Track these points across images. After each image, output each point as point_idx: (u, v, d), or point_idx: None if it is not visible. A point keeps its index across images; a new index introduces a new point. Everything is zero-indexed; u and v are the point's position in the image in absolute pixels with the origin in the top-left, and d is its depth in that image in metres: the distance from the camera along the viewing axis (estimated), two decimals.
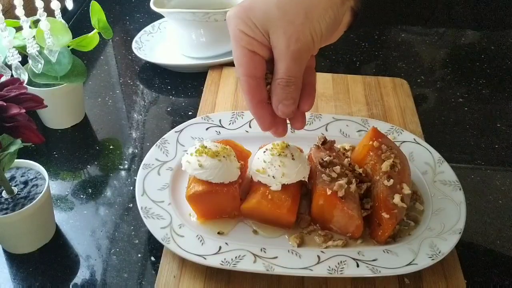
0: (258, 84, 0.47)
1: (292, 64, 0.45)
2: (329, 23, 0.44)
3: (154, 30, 0.98)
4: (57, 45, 0.69)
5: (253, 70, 0.46)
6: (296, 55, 0.44)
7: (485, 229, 0.65)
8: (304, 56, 0.45)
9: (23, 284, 0.57)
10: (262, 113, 0.48)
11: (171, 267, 0.57)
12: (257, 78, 0.47)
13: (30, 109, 0.52)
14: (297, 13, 0.43)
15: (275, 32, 0.44)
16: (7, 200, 0.57)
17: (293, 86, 0.46)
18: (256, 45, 0.45)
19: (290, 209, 0.59)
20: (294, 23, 0.43)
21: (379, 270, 0.55)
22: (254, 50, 0.46)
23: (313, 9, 0.43)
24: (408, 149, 0.70)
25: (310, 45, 0.45)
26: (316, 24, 0.43)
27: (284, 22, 0.43)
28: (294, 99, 0.47)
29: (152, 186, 0.63)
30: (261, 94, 0.47)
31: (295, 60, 0.45)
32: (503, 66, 0.96)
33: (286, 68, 0.45)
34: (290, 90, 0.46)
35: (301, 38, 0.44)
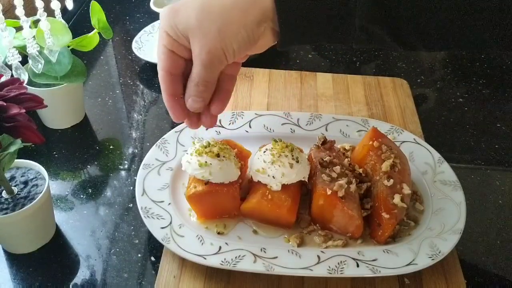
0: (172, 80, 0.52)
1: (203, 70, 0.49)
2: (241, 42, 0.47)
3: (154, 30, 0.98)
4: (57, 45, 0.69)
5: (169, 67, 0.51)
6: (206, 63, 0.49)
7: (485, 229, 0.65)
8: (214, 65, 0.49)
9: (23, 284, 0.57)
10: (173, 105, 0.53)
11: (171, 267, 0.57)
12: (172, 75, 0.51)
13: (30, 109, 0.52)
14: (210, 29, 0.47)
15: (191, 39, 0.48)
16: (7, 200, 0.57)
17: (202, 87, 0.51)
18: (176, 46, 0.50)
19: (290, 209, 0.59)
20: (207, 36, 0.47)
21: (379, 270, 0.55)
22: (173, 50, 0.50)
23: (226, 28, 0.47)
24: (408, 149, 0.70)
25: (222, 58, 0.48)
26: (227, 41, 0.47)
27: (199, 33, 0.47)
28: (203, 98, 0.52)
29: (152, 186, 0.63)
30: (175, 89, 0.52)
31: (206, 67, 0.49)
32: (503, 66, 0.96)
33: (197, 72, 0.50)
34: (199, 89, 0.51)
35: (212, 50, 0.48)
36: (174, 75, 0.52)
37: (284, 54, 0.96)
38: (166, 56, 0.51)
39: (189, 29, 0.47)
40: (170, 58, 0.51)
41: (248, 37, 0.47)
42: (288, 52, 0.97)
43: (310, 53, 0.97)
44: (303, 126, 0.74)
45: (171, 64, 0.51)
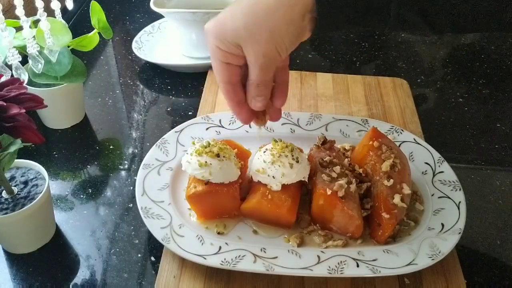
0: (234, 89, 0.54)
1: (260, 72, 0.52)
2: (292, 37, 0.50)
3: (154, 30, 0.98)
4: (57, 45, 0.69)
5: (228, 78, 0.53)
6: (263, 66, 0.51)
7: (485, 229, 0.65)
8: (271, 66, 0.52)
9: (23, 284, 0.57)
10: (240, 111, 0.56)
11: (171, 267, 0.57)
12: (233, 84, 0.54)
13: (30, 109, 0.52)
14: (261, 33, 0.48)
15: (245, 47, 0.50)
16: (7, 200, 0.57)
17: (263, 87, 0.54)
18: (230, 57, 0.52)
19: (290, 209, 0.59)
20: (260, 42, 0.49)
21: (379, 270, 0.55)
22: (228, 62, 0.52)
23: (275, 28, 0.48)
24: (408, 149, 0.70)
25: (277, 57, 0.51)
26: (280, 40, 0.49)
27: (251, 40, 0.49)
28: (265, 96, 0.55)
29: (152, 186, 0.63)
30: (238, 96, 0.55)
31: (263, 70, 0.52)
32: (503, 66, 0.96)
33: (255, 75, 0.52)
34: (260, 89, 0.54)
35: (267, 53, 0.50)
36: (234, 84, 0.54)
37: None
38: (223, 68, 0.53)
39: (240, 38, 0.49)
40: (227, 70, 0.53)
41: (297, 31, 0.49)
42: None
43: (310, 53, 0.97)
44: (303, 126, 0.74)
45: (229, 75, 0.53)
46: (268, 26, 0.48)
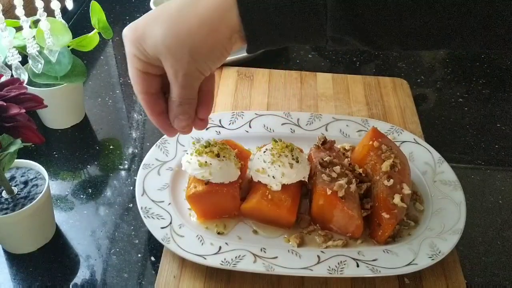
0: (153, 99, 0.50)
1: (182, 90, 0.47)
2: (216, 58, 0.46)
3: None
4: (57, 45, 0.69)
5: (147, 88, 0.49)
6: (185, 84, 0.47)
7: (485, 229, 0.65)
8: (193, 84, 0.48)
9: (23, 284, 0.57)
10: (163, 124, 0.51)
11: (171, 267, 0.57)
12: (152, 94, 0.49)
13: (30, 109, 0.52)
14: (182, 54, 0.44)
15: (164, 62, 0.46)
16: (7, 200, 0.57)
17: (187, 106, 0.49)
18: (149, 67, 0.47)
19: (290, 209, 0.59)
20: (180, 61, 0.45)
21: (379, 270, 0.55)
22: (147, 71, 0.48)
23: (197, 50, 0.44)
24: (408, 149, 0.70)
25: (199, 76, 0.47)
26: (201, 62, 0.45)
27: (171, 58, 0.45)
28: (189, 115, 0.50)
29: (152, 186, 0.63)
30: (158, 107, 0.50)
31: (185, 87, 0.47)
32: (503, 66, 0.96)
33: (177, 93, 0.48)
34: (183, 108, 0.49)
35: (188, 73, 0.46)
36: (154, 94, 0.50)
37: (284, 54, 0.96)
38: (141, 78, 0.48)
39: (160, 54, 0.45)
40: (146, 80, 0.48)
41: (221, 52, 0.45)
42: (288, 52, 0.97)
43: (310, 53, 0.97)
44: (303, 126, 0.74)
45: (148, 85, 0.49)
46: (189, 48, 0.44)
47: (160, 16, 0.45)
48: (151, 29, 0.45)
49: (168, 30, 0.44)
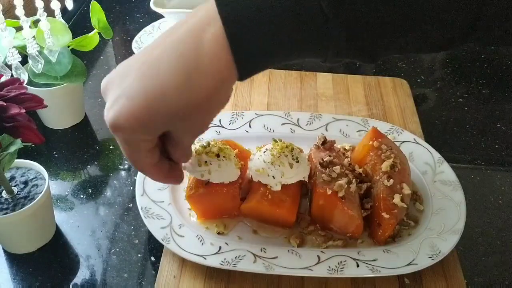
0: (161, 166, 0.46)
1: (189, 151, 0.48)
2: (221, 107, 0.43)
3: (154, 30, 0.98)
4: (57, 45, 0.69)
5: (156, 159, 0.45)
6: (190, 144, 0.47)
7: (485, 229, 0.65)
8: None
9: (23, 284, 0.57)
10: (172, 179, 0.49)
11: (171, 267, 0.57)
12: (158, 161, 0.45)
13: (30, 109, 0.52)
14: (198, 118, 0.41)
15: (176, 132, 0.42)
16: (7, 200, 0.57)
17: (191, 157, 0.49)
18: (155, 141, 0.43)
19: (290, 209, 0.59)
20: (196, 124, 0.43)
21: (379, 270, 0.55)
22: (154, 146, 0.44)
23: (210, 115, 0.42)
24: (408, 149, 0.70)
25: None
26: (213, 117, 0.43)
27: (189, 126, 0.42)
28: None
29: (152, 186, 0.63)
30: (165, 169, 0.47)
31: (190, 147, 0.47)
32: (503, 66, 0.96)
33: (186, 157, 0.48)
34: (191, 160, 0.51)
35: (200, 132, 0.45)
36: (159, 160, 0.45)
37: None
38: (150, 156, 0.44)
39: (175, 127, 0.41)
40: (154, 153, 0.44)
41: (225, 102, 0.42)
42: None
43: None
44: (303, 126, 0.74)
45: (155, 156, 0.45)
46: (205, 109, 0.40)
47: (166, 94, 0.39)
48: (162, 111, 0.39)
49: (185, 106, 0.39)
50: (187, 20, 0.39)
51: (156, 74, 0.39)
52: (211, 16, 0.37)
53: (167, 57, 0.39)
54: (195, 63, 0.38)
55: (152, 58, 0.39)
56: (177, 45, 0.39)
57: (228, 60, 0.38)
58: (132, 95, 0.39)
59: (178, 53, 0.38)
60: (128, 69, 0.40)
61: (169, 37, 0.40)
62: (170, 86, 0.38)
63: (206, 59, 0.38)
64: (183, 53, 0.38)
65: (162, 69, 0.38)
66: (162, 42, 0.40)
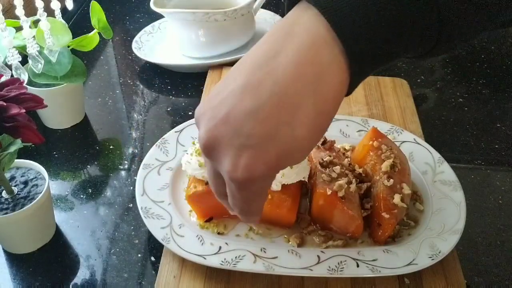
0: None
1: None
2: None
3: (154, 30, 0.98)
4: (57, 45, 0.69)
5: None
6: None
7: (485, 229, 0.65)
8: None
9: (23, 284, 0.57)
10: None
11: (171, 267, 0.57)
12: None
13: (30, 109, 0.52)
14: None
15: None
16: (7, 200, 0.57)
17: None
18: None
19: (290, 209, 0.59)
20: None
21: (379, 270, 0.55)
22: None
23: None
24: (408, 149, 0.70)
25: None
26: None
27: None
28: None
29: (152, 186, 0.63)
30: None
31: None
32: (503, 66, 0.96)
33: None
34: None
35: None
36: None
37: None
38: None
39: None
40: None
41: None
42: None
43: None
44: None
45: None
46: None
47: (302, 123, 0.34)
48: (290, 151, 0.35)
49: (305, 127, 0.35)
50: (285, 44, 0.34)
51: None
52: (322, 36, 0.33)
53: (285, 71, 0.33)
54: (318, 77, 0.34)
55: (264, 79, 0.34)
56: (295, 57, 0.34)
57: (345, 77, 0.35)
58: (260, 142, 0.34)
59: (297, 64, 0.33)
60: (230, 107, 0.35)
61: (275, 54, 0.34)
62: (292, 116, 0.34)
63: (327, 76, 0.34)
64: (304, 65, 0.34)
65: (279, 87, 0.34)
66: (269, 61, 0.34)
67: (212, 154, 0.36)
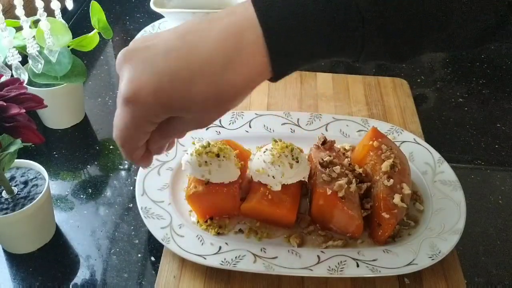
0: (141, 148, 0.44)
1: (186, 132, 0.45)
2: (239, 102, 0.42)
3: (154, 30, 0.98)
4: (57, 45, 0.69)
5: (142, 142, 0.43)
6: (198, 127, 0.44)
7: (485, 229, 0.65)
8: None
9: (23, 284, 0.57)
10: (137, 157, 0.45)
11: (171, 267, 0.57)
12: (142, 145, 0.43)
13: (30, 109, 0.52)
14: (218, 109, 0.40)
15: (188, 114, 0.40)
16: (7, 200, 0.57)
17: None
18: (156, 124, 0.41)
19: (290, 209, 0.59)
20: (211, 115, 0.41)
21: (379, 270, 0.55)
22: (152, 130, 0.42)
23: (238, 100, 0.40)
24: (408, 149, 0.70)
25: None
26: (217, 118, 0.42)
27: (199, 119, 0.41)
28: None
29: (152, 186, 0.63)
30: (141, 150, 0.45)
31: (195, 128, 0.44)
32: (503, 66, 0.96)
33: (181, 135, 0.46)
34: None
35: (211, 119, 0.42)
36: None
37: None
38: (142, 138, 0.42)
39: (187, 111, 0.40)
40: (146, 136, 0.42)
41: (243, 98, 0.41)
42: None
43: None
44: (303, 126, 0.74)
45: (145, 138, 0.43)
46: (227, 102, 0.39)
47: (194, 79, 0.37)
48: (185, 96, 0.38)
49: (209, 95, 0.38)
50: (222, 17, 0.38)
51: (192, 53, 0.37)
52: (250, 20, 0.37)
53: (212, 36, 0.37)
54: (237, 51, 0.37)
55: (193, 37, 0.38)
56: (222, 31, 0.38)
57: (264, 61, 0.38)
58: (159, 71, 0.37)
59: (222, 36, 0.37)
60: (157, 42, 0.39)
61: (210, 24, 0.38)
62: (202, 73, 0.37)
63: (245, 53, 0.37)
64: (227, 38, 0.37)
65: (202, 47, 0.37)
66: (203, 27, 0.38)
67: (120, 69, 0.40)
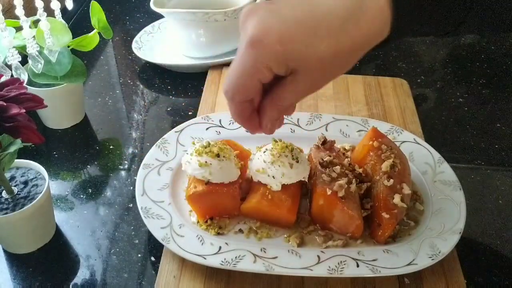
0: (251, 105, 0.44)
1: (299, 98, 0.45)
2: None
3: (154, 30, 0.98)
4: (57, 45, 0.69)
5: (253, 95, 0.43)
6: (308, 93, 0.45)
7: (485, 229, 0.65)
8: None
9: (23, 284, 0.57)
10: (252, 124, 0.46)
11: (171, 267, 0.57)
12: (251, 100, 0.43)
13: (30, 109, 0.52)
14: (334, 71, 0.43)
15: (302, 75, 0.41)
16: (7, 200, 0.57)
17: (291, 109, 0.47)
18: (271, 77, 0.41)
19: (290, 209, 0.59)
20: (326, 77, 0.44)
21: (379, 270, 0.55)
22: (265, 81, 0.41)
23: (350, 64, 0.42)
24: (408, 149, 0.70)
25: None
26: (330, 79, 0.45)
27: (319, 75, 0.42)
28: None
29: (152, 186, 0.63)
30: (249, 111, 0.45)
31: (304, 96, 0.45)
32: (503, 66, 0.96)
33: (292, 100, 0.45)
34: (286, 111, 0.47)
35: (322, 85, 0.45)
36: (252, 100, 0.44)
37: None
38: (255, 89, 0.42)
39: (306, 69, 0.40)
40: (257, 89, 0.42)
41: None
42: None
43: None
44: (303, 126, 0.74)
45: (256, 92, 0.42)
46: (344, 65, 0.42)
47: (319, 28, 0.38)
48: (309, 44, 0.39)
49: (329, 48, 0.39)
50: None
51: (317, 4, 0.39)
52: None
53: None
54: (359, 4, 0.38)
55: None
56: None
57: (387, 17, 0.39)
58: (287, 19, 0.38)
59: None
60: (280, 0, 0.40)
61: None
62: (326, 23, 0.38)
63: (369, 5, 0.38)
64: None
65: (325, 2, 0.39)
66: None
67: (245, 22, 0.40)
